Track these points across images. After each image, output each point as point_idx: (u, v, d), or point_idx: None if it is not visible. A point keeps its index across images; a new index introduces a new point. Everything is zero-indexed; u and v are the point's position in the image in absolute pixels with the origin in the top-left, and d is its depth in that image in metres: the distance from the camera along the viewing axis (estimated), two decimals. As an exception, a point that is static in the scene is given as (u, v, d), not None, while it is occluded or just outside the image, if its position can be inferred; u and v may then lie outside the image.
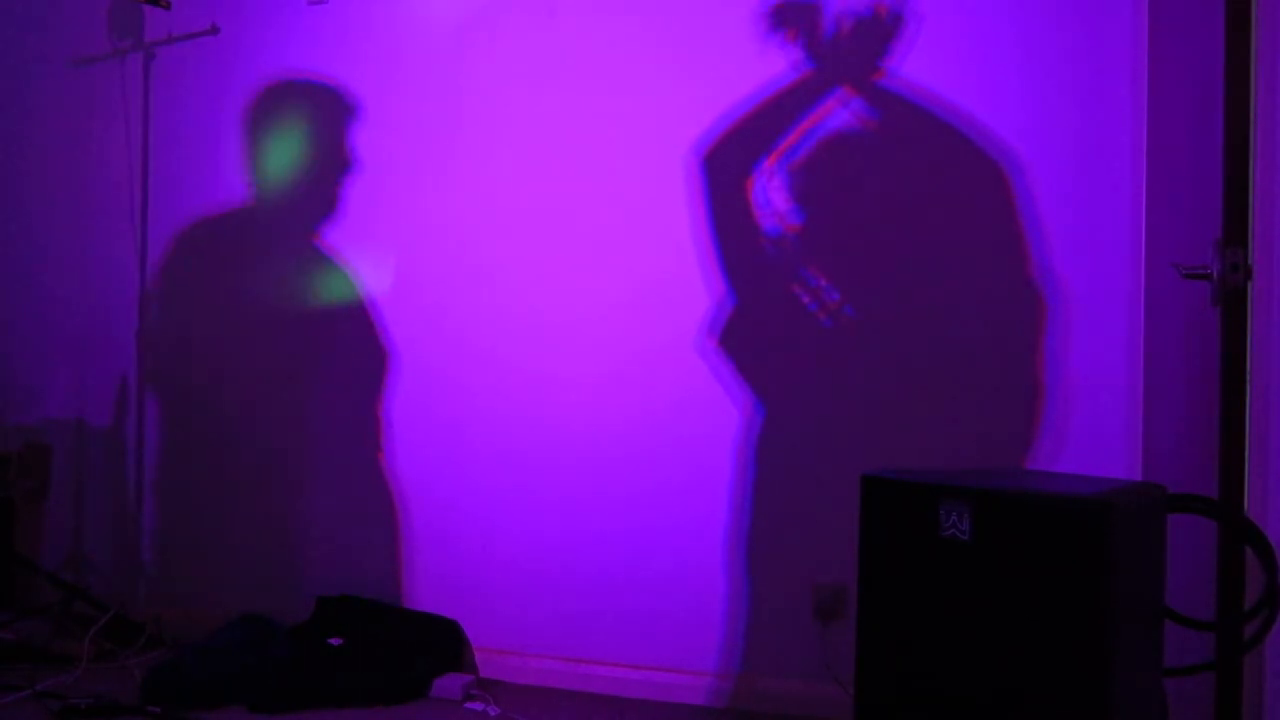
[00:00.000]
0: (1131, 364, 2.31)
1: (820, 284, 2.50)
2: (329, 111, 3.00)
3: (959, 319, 2.43)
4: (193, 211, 3.18)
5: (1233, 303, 1.76)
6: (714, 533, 2.61)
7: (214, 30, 3.14)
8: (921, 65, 2.47)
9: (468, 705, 2.55)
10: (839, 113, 2.52)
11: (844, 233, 2.52)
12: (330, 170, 2.99)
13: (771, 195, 2.55)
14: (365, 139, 2.97)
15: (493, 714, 2.49)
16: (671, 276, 2.65)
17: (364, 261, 2.97)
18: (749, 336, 2.59)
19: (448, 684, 2.61)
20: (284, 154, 3.07)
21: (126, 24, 3.25)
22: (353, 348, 2.97)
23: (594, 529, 2.72)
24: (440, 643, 2.73)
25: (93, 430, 3.30)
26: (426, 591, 2.87)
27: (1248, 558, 1.74)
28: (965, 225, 2.43)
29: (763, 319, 2.58)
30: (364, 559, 2.94)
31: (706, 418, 2.61)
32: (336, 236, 2.99)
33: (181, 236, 3.20)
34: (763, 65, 2.58)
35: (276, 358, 3.07)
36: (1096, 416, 2.34)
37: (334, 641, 2.71)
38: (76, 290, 3.33)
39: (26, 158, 3.38)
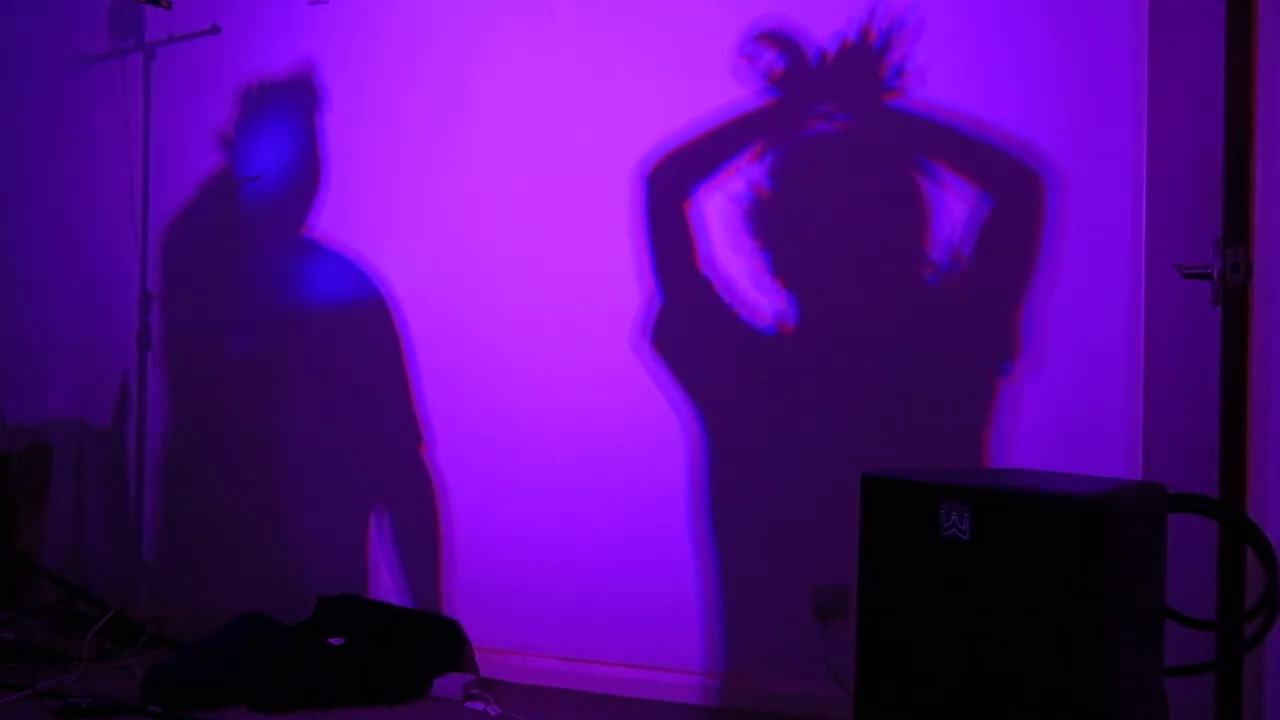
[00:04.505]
0: (1131, 364, 2.31)
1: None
2: (328, 110, 3.01)
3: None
4: (194, 211, 3.19)
5: (1233, 302, 1.76)
6: (750, 538, 2.61)
7: (215, 30, 3.14)
8: (910, 76, 2.47)
9: (468, 705, 2.55)
10: (819, 127, 2.54)
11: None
12: (324, 168, 3.00)
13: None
14: (362, 137, 2.97)
15: (493, 713, 2.49)
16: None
17: (359, 258, 2.97)
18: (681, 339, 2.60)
19: (448, 683, 2.61)
20: (284, 151, 3.07)
21: (127, 24, 3.25)
22: (352, 346, 2.98)
23: (594, 526, 2.72)
24: (441, 642, 2.73)
25: (93, 430, 3.30)
26: (427, 590, 2.88)
27: (1248, 558, 1.74)
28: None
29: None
30: (364, 557, 2.94)
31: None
32: (324, 228, 3.00)
33: (183, 235, 3.21)
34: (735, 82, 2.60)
35: (276, 356, 3.07)
36: (1097, 416, 2.34)
37: (334, 641, 2.71)
38: (76, 290, 3.33)
39: (27, 157, 3.38)
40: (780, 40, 2.56)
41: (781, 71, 2.56)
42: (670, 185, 2.65)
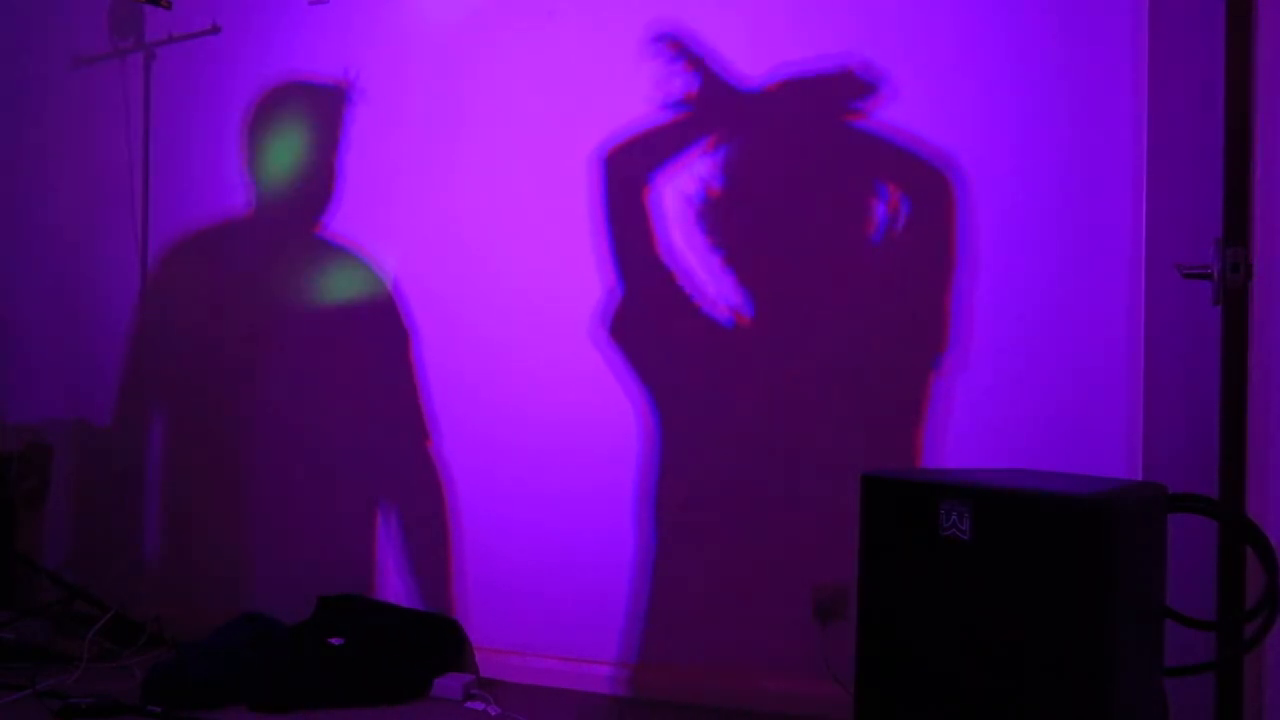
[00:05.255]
0: (1131, 364, 2.31)
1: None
2: (328, 109, 3.00)
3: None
4: (193, 210, 3.19)
5: (1233, 302, 1.76)
6: (716, 529, 2.61)
7: (215, 30, 3.14)
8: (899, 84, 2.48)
9: (468, 705, 2.55)
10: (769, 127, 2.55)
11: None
12: (328, 168, 3.01)
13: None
14: (360, 137, 2.97)
15: (493, 713, 2.49)
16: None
17: (365, 254, 2.97)
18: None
19: (448, 683, 2.61)
20: (286, 151, 3.07)
21: (127, 24, 3.25)
22: (352, 346, 2.98)
23: (593, 526, 2.72)
24: (441, 642, 2.73)
25: (93, 430, 3.30)
26: (427, 590, 2.88)
27: (1248, 558, 1.74)
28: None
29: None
30: (364, 557, 2.94)
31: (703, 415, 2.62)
32: (335, 226, 3.00)
33: (182, 234, 3.21)
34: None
35: (275, 356, 3.07)
36: (1097, 416, 2.34)
37: (335, 641, 2.71)
38: (77, 290, 3.33)
39: (27, 157, 3.38)
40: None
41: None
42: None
